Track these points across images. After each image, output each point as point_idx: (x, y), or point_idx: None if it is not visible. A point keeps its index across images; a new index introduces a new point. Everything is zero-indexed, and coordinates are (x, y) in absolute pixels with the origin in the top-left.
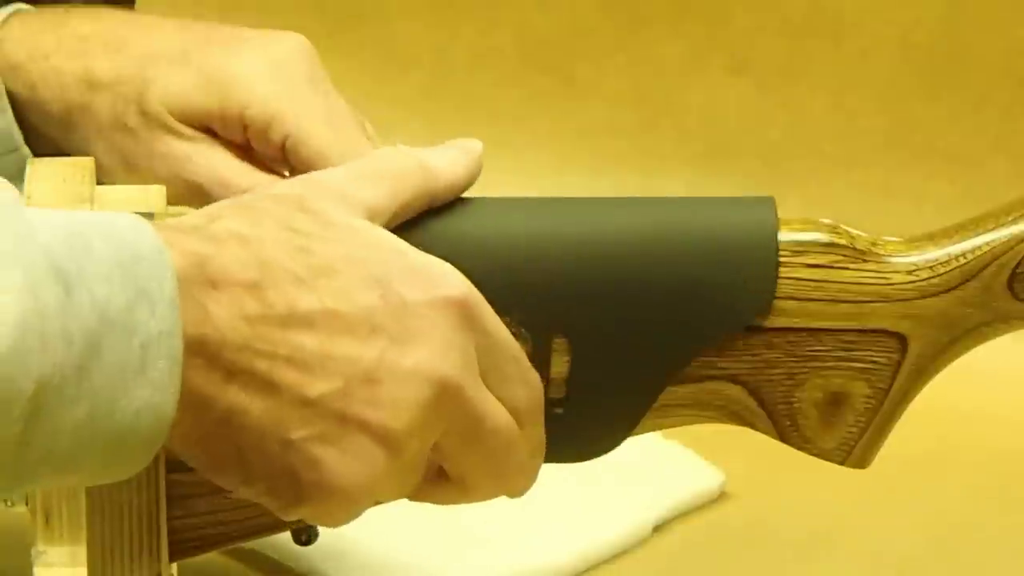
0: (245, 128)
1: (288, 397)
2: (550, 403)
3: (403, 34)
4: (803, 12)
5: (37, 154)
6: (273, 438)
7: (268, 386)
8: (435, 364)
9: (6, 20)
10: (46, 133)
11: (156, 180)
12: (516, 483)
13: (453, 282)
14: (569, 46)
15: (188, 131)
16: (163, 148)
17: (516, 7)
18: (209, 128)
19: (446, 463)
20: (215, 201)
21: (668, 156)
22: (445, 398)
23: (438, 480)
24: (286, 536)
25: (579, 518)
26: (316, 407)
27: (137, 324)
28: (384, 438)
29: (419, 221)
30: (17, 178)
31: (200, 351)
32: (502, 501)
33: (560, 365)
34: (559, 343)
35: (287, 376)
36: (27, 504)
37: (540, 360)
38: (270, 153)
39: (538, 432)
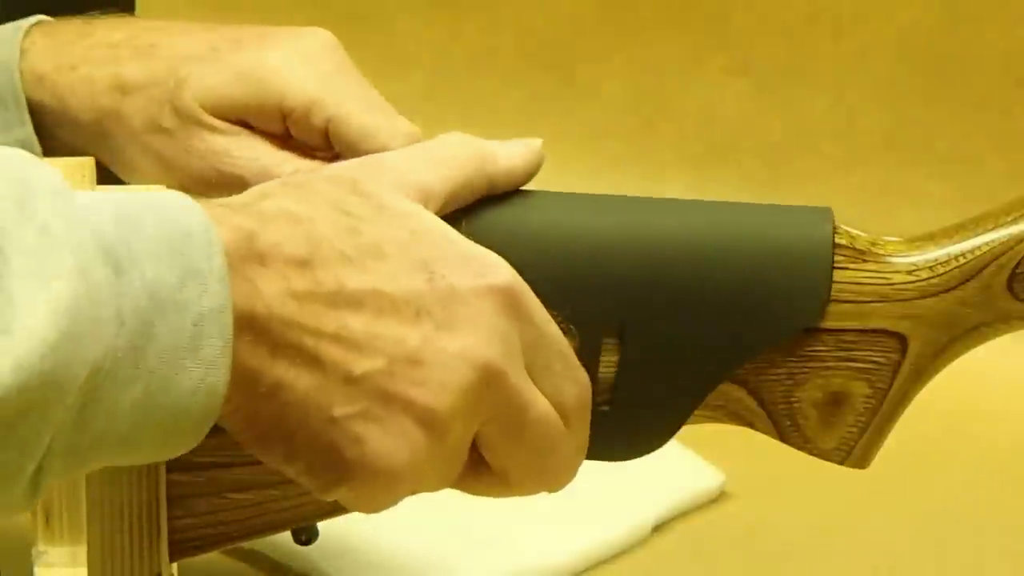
0: (284, 117)
1: (333, 374)
2: (596, 401)
3: (403, 34)
4: (803, 12)
5: None
6: (317, 414)
7: (314, 362)
8: (480, 349)
9: (28, 31)
10: (74, 143)
11: (196, 177)
12: (558, 479)
13: (501, 271)
14: (569, 46)
15: (224, 125)
16: (201, 144)
17: (516, 7)
18: (245, 122)
19: (488, 453)
20: None
21: (668, 156)
22: (489, 383)
23: (480, 471)
24: (286, 536)
25: (579, 518)
26: (361, 385)
27: (188, 302)
28: (427, 419)
29: (476, 209)
30: None
31: (249, 326)
32: (502, 501)
33: (609, 364)
34: (609, 342)
35: (333, 353)
36: None
37: (589, 358)
38: (312, 140)
39: (584, 431)
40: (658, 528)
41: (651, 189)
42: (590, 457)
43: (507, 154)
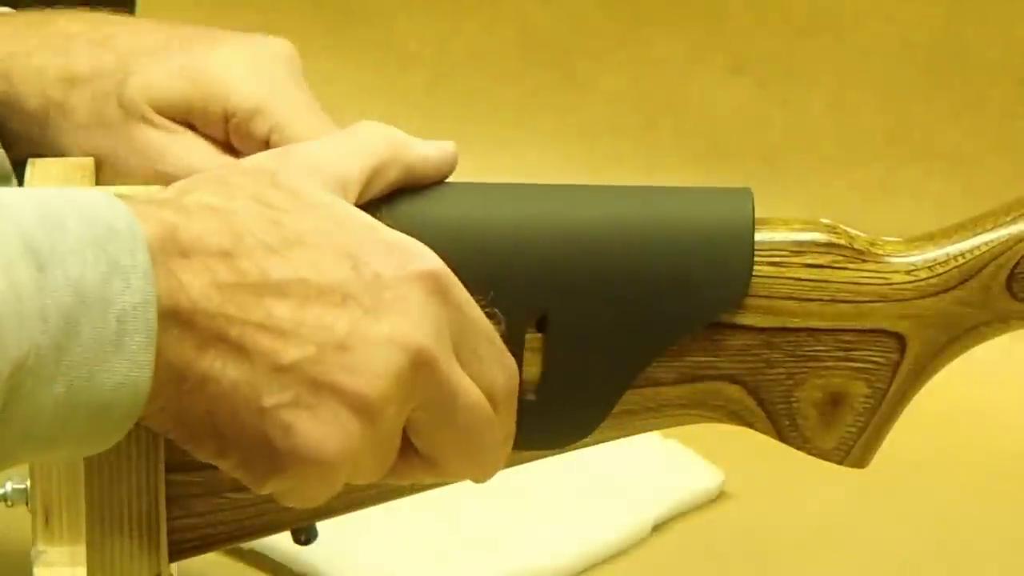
0: (226, 121)
1: (261, 364)
2: (522, 390)
3: (404, 31)
4: (803, 11)
5: (12, 154)
6: (247, 406)
7: (241, 353)
8: (409, 333)
9: None
10: (26, 133)
11: (131, 174)
12: (487, 466)
13: (426, 257)
14: (570, 44)
15: (167, 124)
16: (141, 140)
17: (517, 4)
18: (188, 122)
19: (418, 440)
20: None
21: (668, 154)
22: (419, 367)
23: (409, 457)
24: (286, 536)
25: (579, 518)
26: (290, 373)
27: (112, 297)
28: (358, 404)
29: (396, 199)
30: None
31: (173, 320)
32: (502, 501)
33: (534, 353)
34: (532, 331)
35: (260, 342)
36: (27, 504)
37: (513, 348)
38: (252, 148)
39: (511, 418)
40: (658, 528)
41: None
42: (519, 447)
43: (420, 143)
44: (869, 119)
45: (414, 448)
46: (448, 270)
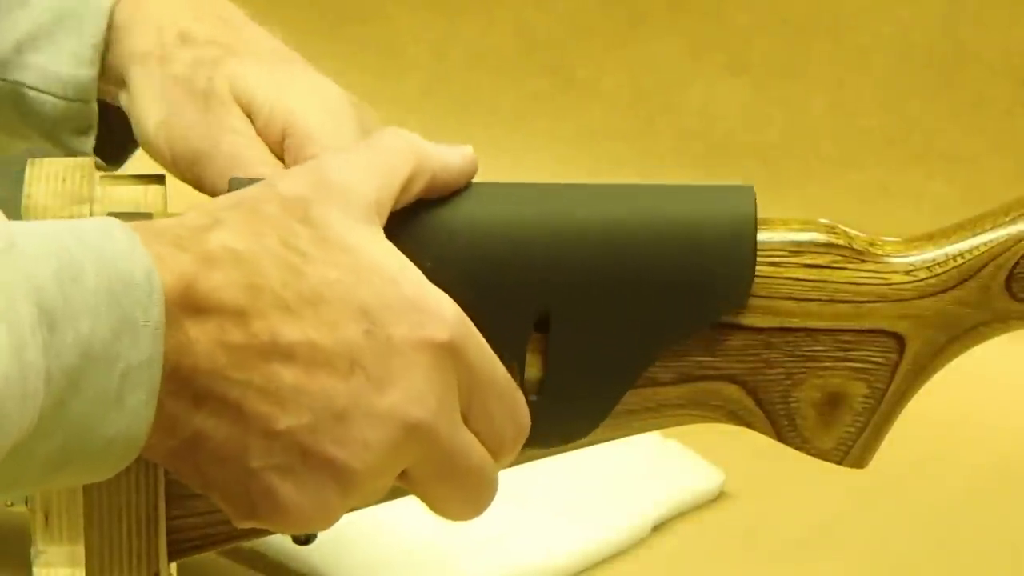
0: (275, 142)
1: (255, 427)
2: (525, 391)
3: (402, 34)
4: (802, 11)
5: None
6: (234, 463)
7: (237, 415)
8: (409, 408)
9: None
10: (111, 63)
11: (183, 138)
12: (481, 507)
13: (444, 321)
14: (568, 45)
15: (240, 114)
16: (218, 115)
17: (515, 7)
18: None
19: (412, 487)
20: (213, 173)
21: (667, 155)
22: (417, 440)
23: (397, 490)
24: (285, 536)
25: (579, 518)
26: (280, 439)
27: (119, 353)
28: (344, 478)
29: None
30: (61, 127)
31: (174, 376)
32: (502, 501)
33: (536, 354)
34: (535, 332)
35: (257, 406)
36: (27, 504)
37: (516, 349)
38: None
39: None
40: (658, 528)
41: None
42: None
43: (442, 151)
44: (869, 119)
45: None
46: (467, 328)
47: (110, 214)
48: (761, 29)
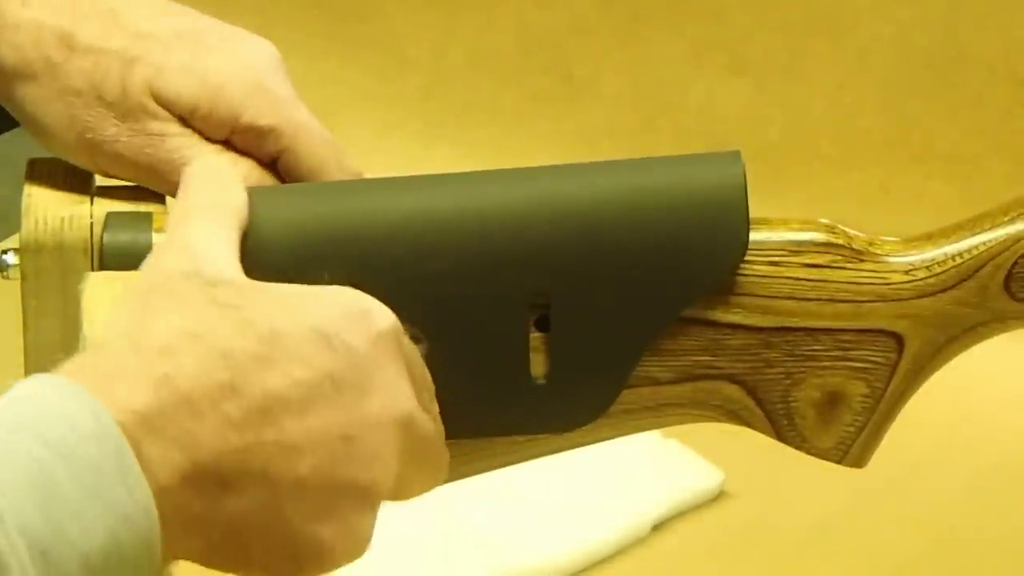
0: (231, 129)
1: (283, 484)
2: (532, 375)
3: (401, 34)
4: (802, 11)
5: None
6: (276, 529)
7: (263, 479)
8: (395, 403)
9: None
10: None
11: (118, 153)
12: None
13: (375, 308)
14: (568, 45)
15: (165, 114)
16: (139, 123)
17: (514, 6)
18: (183, 118)
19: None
20: (167, 184)
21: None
22: (407, 430)
23: None
24: None
25: (579, 517)
26: (308, 484)
27: (119, 542)
28: (368, 494)
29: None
30: None
31: (193, 476)
32: (501, 501)
33: (539, 338)
34: (535, 315)
35: (280, 464)
36: None
37: (519, 334)
38: (259, 160)
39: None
40: (658, 527)
41: None
42: (530, 432)
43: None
44: (869, 119)
45: None
46: (393, 316)
47: (110, 214)
48: (761, 29)
